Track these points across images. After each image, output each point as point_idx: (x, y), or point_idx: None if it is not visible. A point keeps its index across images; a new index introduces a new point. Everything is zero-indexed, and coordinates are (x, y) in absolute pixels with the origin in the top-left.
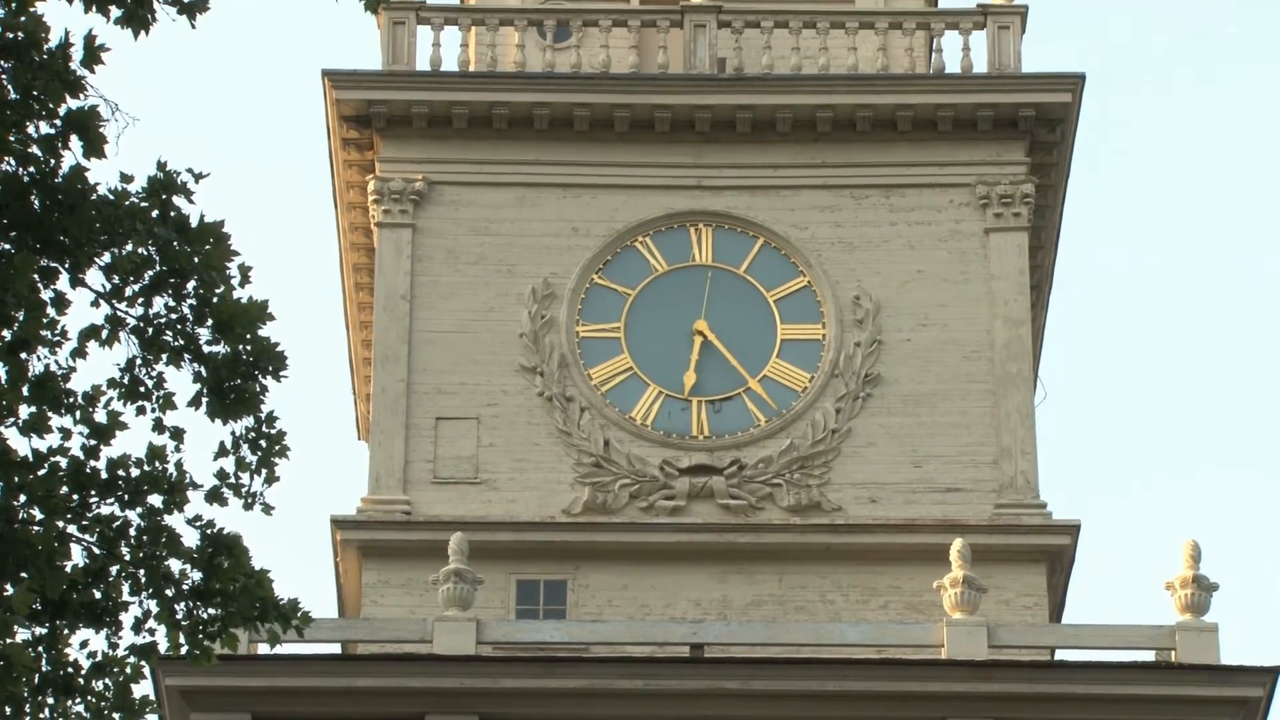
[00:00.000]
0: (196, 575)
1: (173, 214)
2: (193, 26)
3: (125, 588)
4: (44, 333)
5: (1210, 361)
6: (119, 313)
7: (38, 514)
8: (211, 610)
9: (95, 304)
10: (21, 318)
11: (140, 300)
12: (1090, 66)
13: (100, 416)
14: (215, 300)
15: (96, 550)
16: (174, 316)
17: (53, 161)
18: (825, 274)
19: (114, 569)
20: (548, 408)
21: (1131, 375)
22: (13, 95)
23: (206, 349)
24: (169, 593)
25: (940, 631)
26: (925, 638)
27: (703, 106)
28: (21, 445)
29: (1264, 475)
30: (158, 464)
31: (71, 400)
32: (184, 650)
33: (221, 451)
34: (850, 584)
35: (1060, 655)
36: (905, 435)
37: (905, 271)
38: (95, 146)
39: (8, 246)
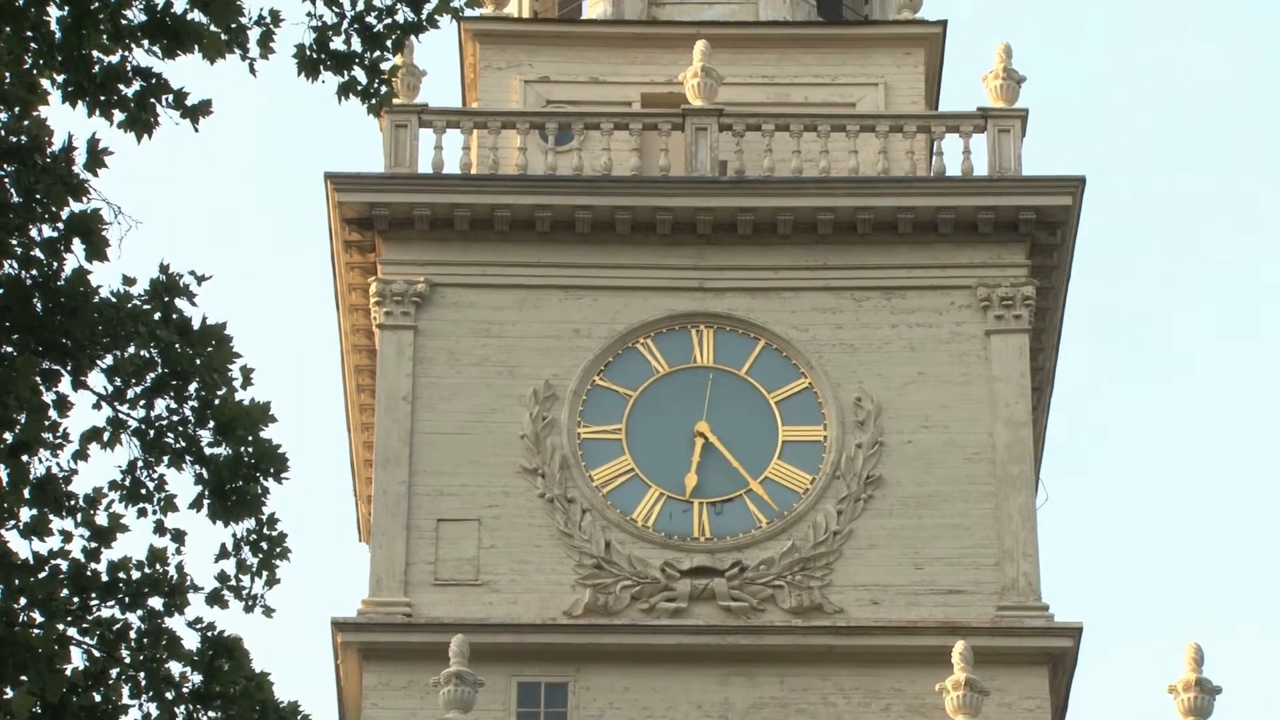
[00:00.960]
0: (197, 678)
1: (175, 316)
2: (196, 130)
3: (125, 691)
4: (45, 435)
5: (1212, 462)
6: (121, 415)
7: (38, 617)
8: (212, 713)
9: (97, 406)
10: (23, 420)
11: (142, 402)
12: (1091, 169)
13: (101, 519)
14: (217, 402)
15: (97, 653)
16: (176, 419)
17: (55, 264)
18: (826, 376)
19: (114, 672)
20: (549, 509)
21: (1132, 477)
22: (16, 198)
23: (208, 451)
24: (169, 696)
25: None
26: None
27: (704, 209)
28: (22, 548)
29: (1267, 578)
30: (158, 566)
31: (73, 503)
32: None
33: (222, 554)
34: (852, 686)
35: None
36: (907, 537)
37: (907, 373)
38: (98, 249)
39: (10, 349)
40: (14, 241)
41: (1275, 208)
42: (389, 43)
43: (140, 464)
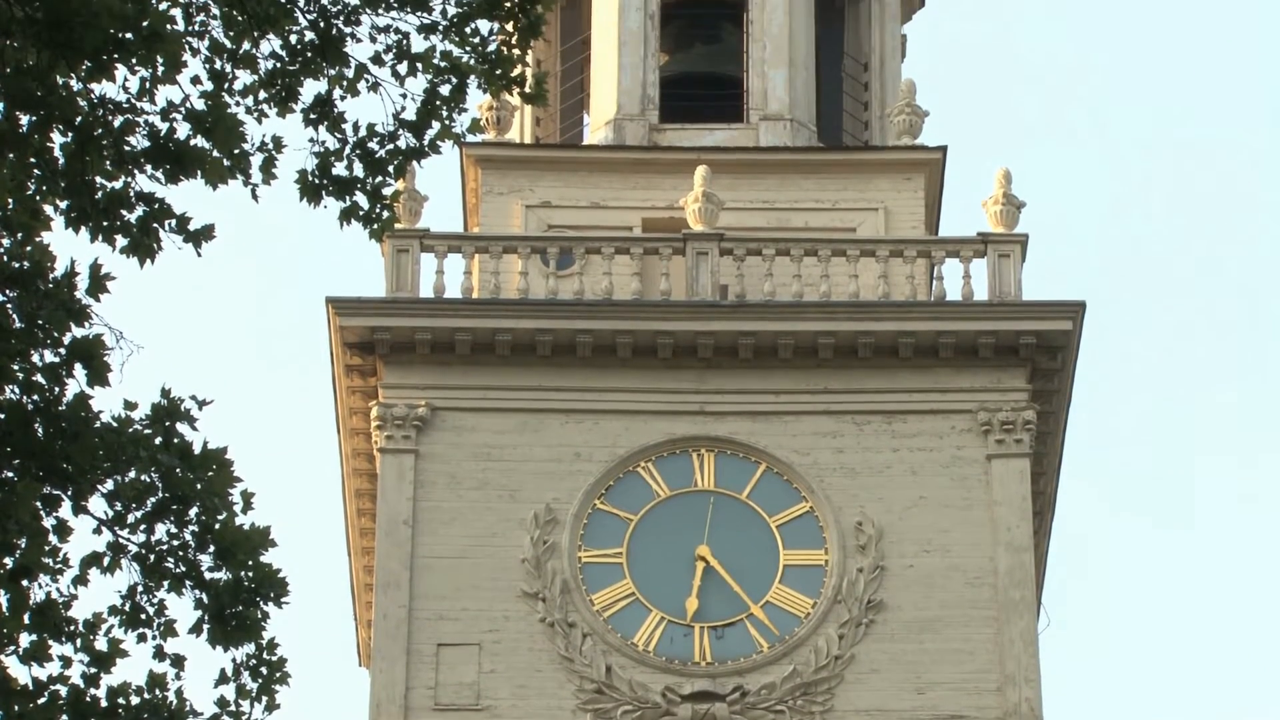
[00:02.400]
0: None
1: (176, 441)
2: (198, 255)
3: None
4: (45, 560)
5: (1213, 591)
6: (121, 540)
7: None
8: None
9: (97, 531)
10: (23, 545)
11: (142, 527)
12: (1091, 293)
13: (101, 644)
14: (217, 527)
15: None
16: (176, 543)
17: (57, 389)
18: (828, 500)
19: None
20: (549, 634)
21: (1134, 602)
22: (18, 324)
23: (208, 575)
24: None
25: None
26: None
27: (705, 333)
28: (22, 674)
29: (1271, 696)
30: (158, 692)
31: (72, 628)
32: None
33: (222, 679)
34: None
35: None
36: (909, 662)
37: (908, 497)
38: (99, 375)
39: (11, 474)
40: (15, 367)
41: (1276, 333)
42: (391, 168)
43: (140, 589)
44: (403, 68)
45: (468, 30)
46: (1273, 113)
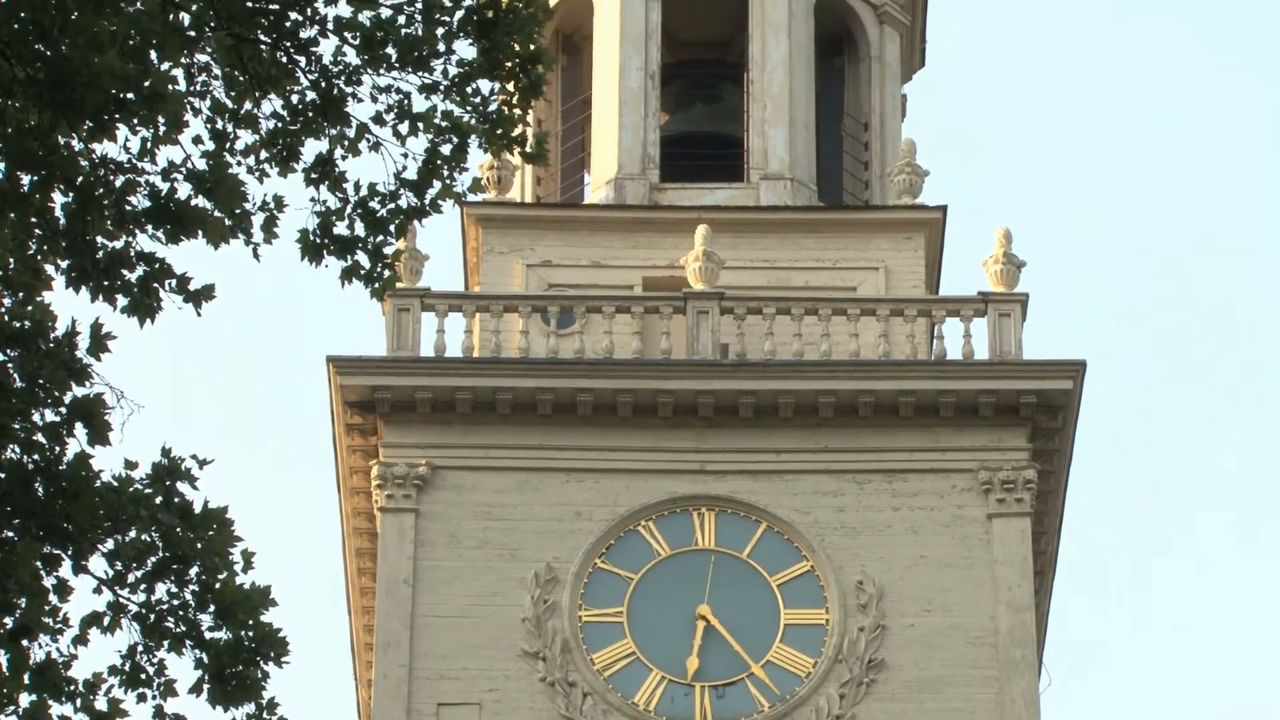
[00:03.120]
0: None
1: (176, 500)
2: (198, 314)
3: None
4: (45, 620)
5: (1214, 649)
6: (121, 599)
7: None
8: None
9: (97, 591)
10: (23, 605)
11: (142, 587)
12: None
13: (101, 704)
14: (218, 586)
15: None
16: (176, 603)
17: (57, 449)
18: (828, 559)
19: None
20: (550, 693)
21: (1136, 662)
22: (19, 383)
23: (208, 635)
24: None
25: None
26: None
27: (705, 392)
28: None
29: None
30: None
31: (72, 688)
32: None
33: None
34: None
35: None
36: None
37: (909, 557)
38: (100, 434)
39: (11, 534)
40: (16, 426)
41: (1275, 392)
42: (392, 227)
43: (140, 648)
44: (404, 127)
45: (469, 90)
46: (1273, 172)
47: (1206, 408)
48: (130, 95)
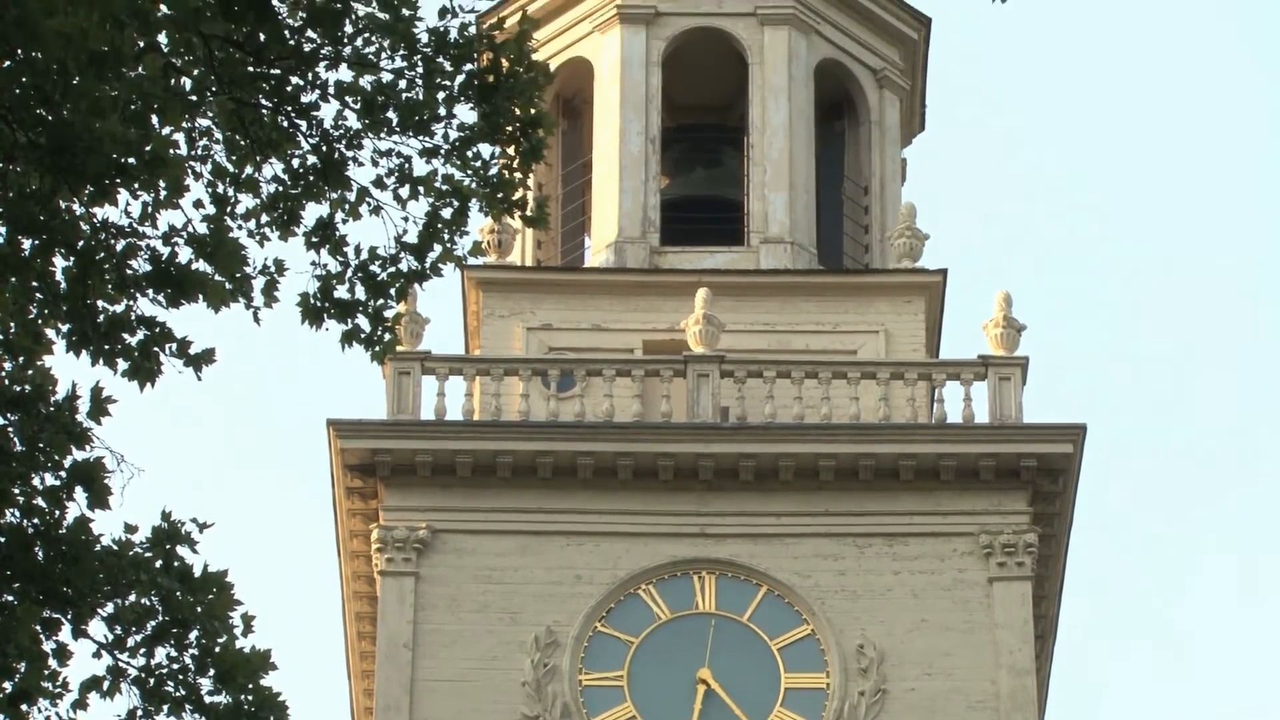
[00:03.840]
0: None
1: (176, 564)
2: (199, 378)
3: None
4: (45, 684)
5: (1215, 709)
6: (121, 663)
7: None
8: None
9: (97, 655)
10: (23, 669)
11: (142, 650)
12: (1092, 416)
13: None
14: (218, 650)
15: None
16: (176, 667)
17: (57, 513)
18: (829, 622)
19: None
20: None
21: None
22: (19, 447)
23: (208, 699)
24: None
25: None
26: None
27: (706, 455)
28: None
29: None
30: None
31: None
32: None
33: None
34: None
35: None
36: None
37: (909, 620)
38: (100, 498)
39: (10, 598)
40: (16, 490)
41: (1276, 456)
42: (392, 291)
43: (140, 713)
44: (404, 191)
45: (469, 154)
46: (1273, 234)
47: (1207, 471)
48: (131, 160)
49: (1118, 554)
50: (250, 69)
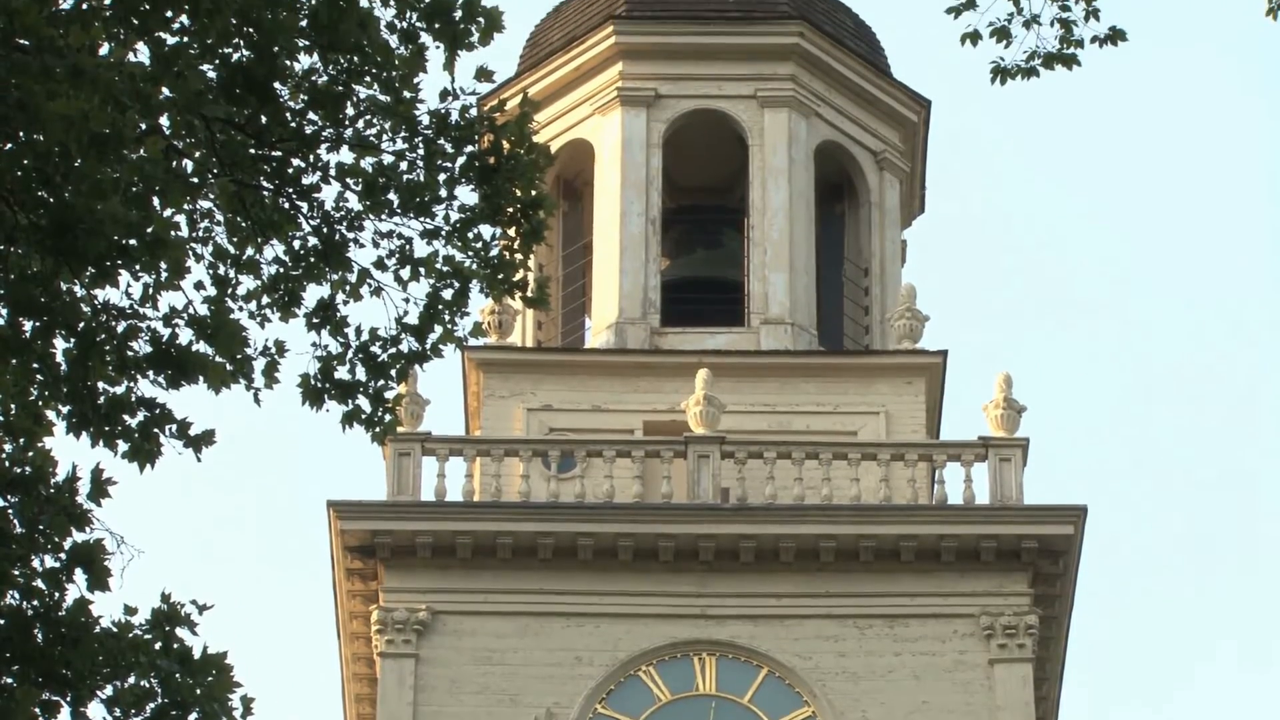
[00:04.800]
0: None
1: (176, 646)
2: (199, 459)
3: None
4: None
5: None
6: None
7: None
8: None
9: None
10: None
11: None
12: (1092, 497)
13: None
14: None
15: None
16: None
17: (57, 595)
18: (830, 704)
19: None
20: None
21: None
22: (19, 529)
23: None
24: None
25: None
26: None
27: (706, 536)
28: None
29: None
30: None
31: None
32: None
33: None
34: None
35: None
36: None
37: (910, 702)
38: (100, 580)
39: (10, 680)
40: (16, 572)
41: (1277, 537)
42: (393, 372)
43: None
44: (405, 272)
45: (470, 235)
46: (1273, 314)
47: (1208, 553)
48: (133, 241)
49: (1119, 636)
50: (252, 151)
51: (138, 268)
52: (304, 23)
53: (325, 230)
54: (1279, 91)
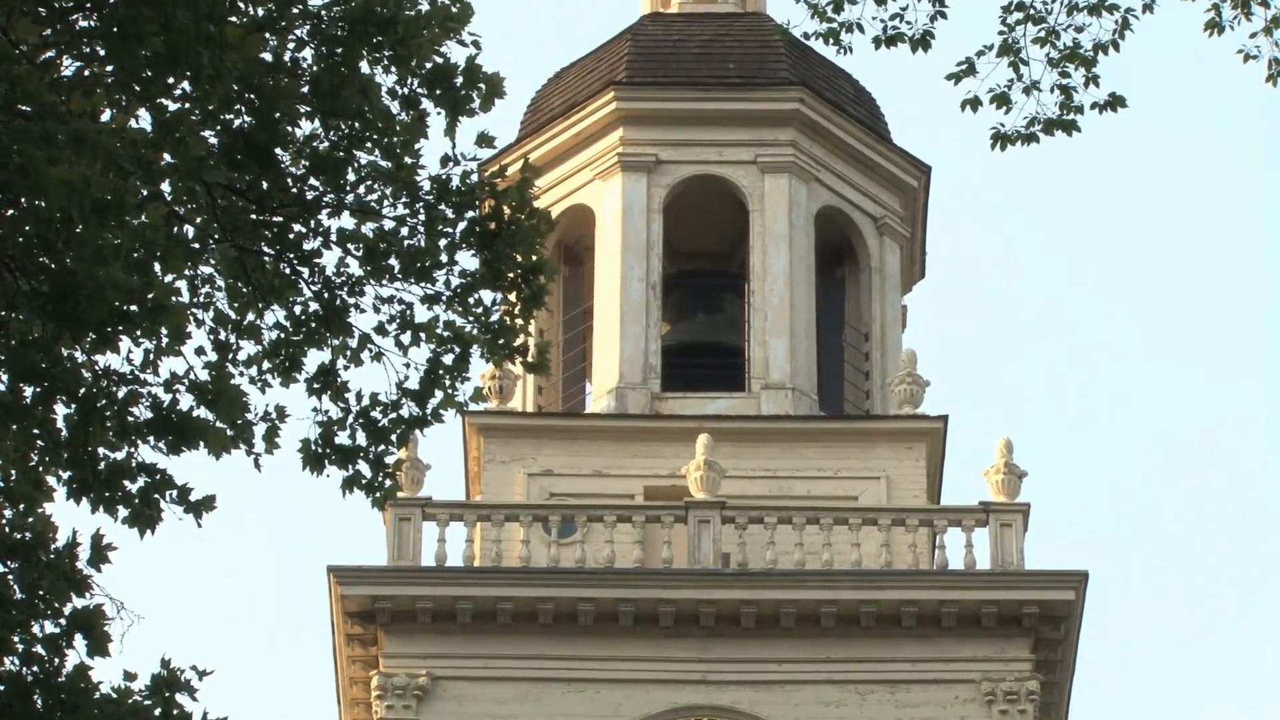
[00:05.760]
0: None
1: (175, 712)
2: (199, 525)
3: None
4: None
5: None
6: None
7: None
8: None
9: None
10: None
11: None
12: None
13: None
14: None
15: None
16: None
17: (57, 661)
18: None
19: None
20: None
21: None
22: (19, 595)
23: None
24: None
25: None
26: None
27: (707, 601)
28: None
29: None
30: None
31: None
32: None
33: None
34: None
35: None
36: None
37: None
38: (100, 646)
39: None
40: (16, 638)
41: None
42: (394, 437)
43: None
44: (406, 337)
45: (471, 300)
46: (1271, 375)
47: (1209, 618)
48: (134, 307)
49: (1120, 701)
50: (253, 216)
51: (139, 333)
52: (305, 89)
53: (326, 295)
54: (1279, 158)
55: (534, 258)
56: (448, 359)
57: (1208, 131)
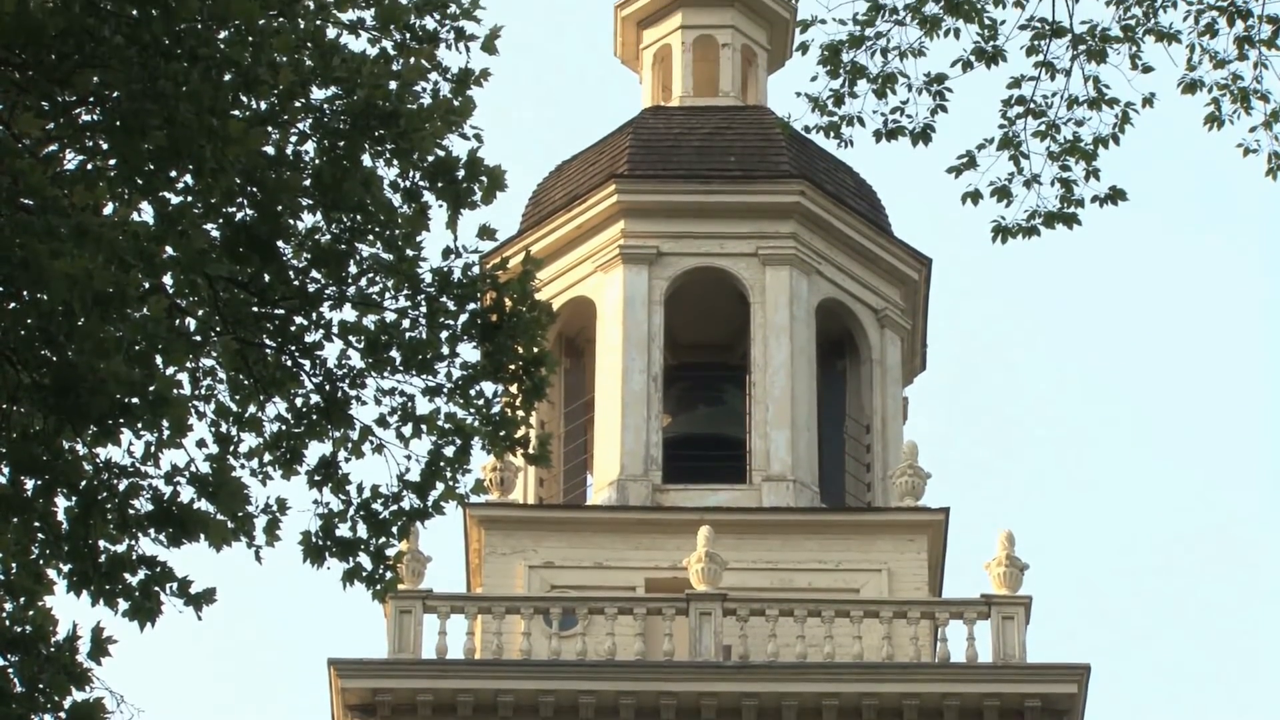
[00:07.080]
0: None
1: None
2: (199, 618)
3: None
4: None
5: None
6: None
7: None
8: None
9: None
10: None
11: None
12: (1095, 655)
13: None
14: None
15: None
16: None
17: None
18: None
19: None
20: None
21: None
22: (19, 688)
23: None
24: None
25: None
26: None
27: (708, 694)
28: None
29: None
30: None
31: None
32: None
33: None
34: None
35: None
36: None
37: None
38: None
39: None
40: None
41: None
42: (394, 529)
43: None
44: (407, 429)
45: (472, 393)
46: (1270, 469)
47: (1211, 710)
48: (135, 400)
49: None
50: (255, 309)
51: (140, 426)
52: (307, 182)
53: (327, 388)
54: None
55: (535, 350)
56: (449, 451)
57: (1208, 225)
